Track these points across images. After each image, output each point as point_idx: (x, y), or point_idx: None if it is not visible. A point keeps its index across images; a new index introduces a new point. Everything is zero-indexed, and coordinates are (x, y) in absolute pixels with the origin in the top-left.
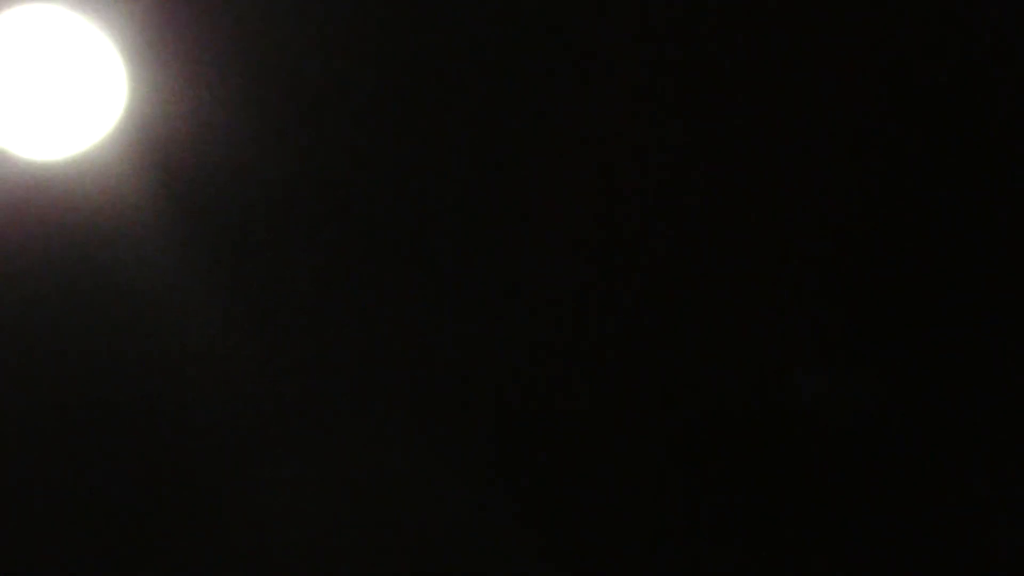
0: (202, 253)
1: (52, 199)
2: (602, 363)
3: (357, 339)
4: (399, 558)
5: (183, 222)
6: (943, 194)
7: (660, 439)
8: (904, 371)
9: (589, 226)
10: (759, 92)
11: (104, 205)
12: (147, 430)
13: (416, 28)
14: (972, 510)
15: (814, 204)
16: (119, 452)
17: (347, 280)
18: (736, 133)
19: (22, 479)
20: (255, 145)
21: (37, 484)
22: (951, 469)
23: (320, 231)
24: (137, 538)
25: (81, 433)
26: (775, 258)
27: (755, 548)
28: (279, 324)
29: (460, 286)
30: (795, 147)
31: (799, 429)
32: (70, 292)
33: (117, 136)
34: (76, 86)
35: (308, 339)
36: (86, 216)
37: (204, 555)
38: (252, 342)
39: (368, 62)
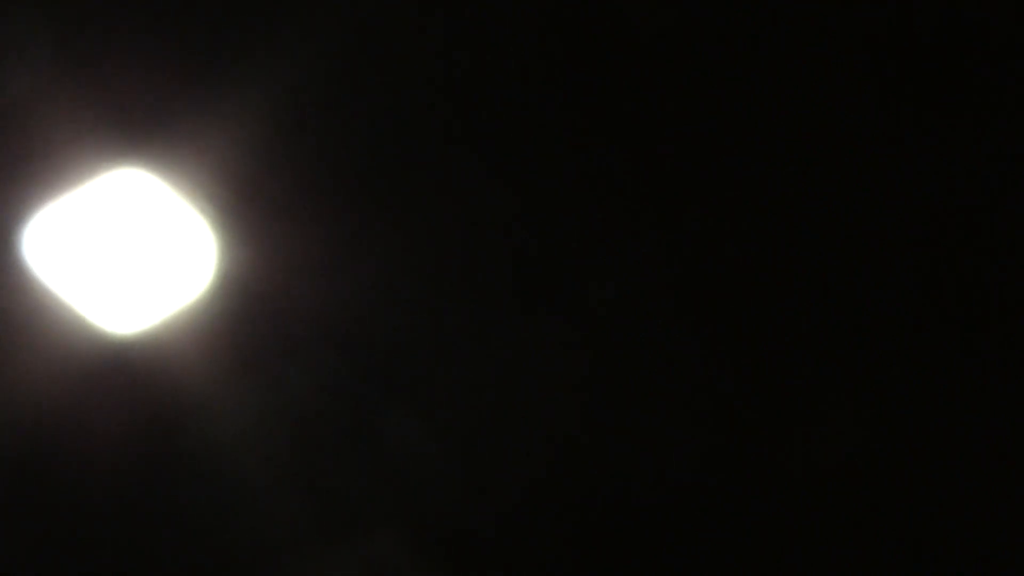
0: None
1: (137, 372)
2: None
3: (460, 534)
4: None
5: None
6: None
7: None
8: None
9: None
10: None
11: (189, 374)
12: None
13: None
14: None
15: None
16: None
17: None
18: None
19: None
20: (346, 312)
21: None
22: None
23: (421, 399)
24: None
25: None
26: None
27: None
28: (371, 507)
29: None
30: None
31: None
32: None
33: (205, 303)
34: (165, 254)
35: (406, 521)
36: (172, 386)
37: None
38: (344, 530)
39: (459, 227)
